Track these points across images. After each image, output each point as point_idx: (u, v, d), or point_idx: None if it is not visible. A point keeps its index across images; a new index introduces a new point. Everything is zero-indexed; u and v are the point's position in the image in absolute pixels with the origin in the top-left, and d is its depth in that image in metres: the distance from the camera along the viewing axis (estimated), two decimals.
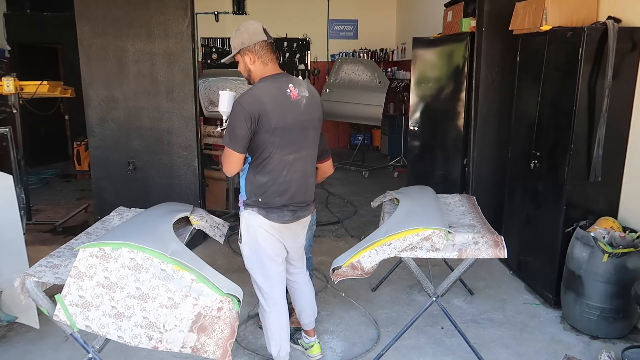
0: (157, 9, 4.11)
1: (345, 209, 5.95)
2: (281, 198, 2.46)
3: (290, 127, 2.36)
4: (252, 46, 2.35)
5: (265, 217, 2.47)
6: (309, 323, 2.90)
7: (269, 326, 2.66)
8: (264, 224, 2.49)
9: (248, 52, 2.36)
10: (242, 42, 2.35)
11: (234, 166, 2.38)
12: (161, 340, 2.04)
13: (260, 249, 2.54)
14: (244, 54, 2.38)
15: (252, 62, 2.37)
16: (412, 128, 5.79)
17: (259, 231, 2.51)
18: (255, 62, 2.37)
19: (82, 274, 2.03)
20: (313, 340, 2.92)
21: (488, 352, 2.97)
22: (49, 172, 7.53)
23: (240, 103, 2.29)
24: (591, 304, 3.07)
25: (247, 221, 2.51)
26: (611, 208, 3.34)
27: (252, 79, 2.43)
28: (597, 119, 3.12)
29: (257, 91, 2.33)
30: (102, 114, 4.28)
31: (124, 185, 4.36)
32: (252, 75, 2.42)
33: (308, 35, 9.49)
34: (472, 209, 3.23)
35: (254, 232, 2.51)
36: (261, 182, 2.42)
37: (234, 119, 2.30)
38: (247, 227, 2.52)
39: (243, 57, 2.39)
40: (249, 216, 2.49)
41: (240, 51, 2.38)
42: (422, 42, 5.62)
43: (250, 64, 2.38)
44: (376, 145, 9.68)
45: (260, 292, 2.63)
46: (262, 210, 2.46)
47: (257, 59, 2.37)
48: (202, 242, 4.61)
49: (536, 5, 3.50)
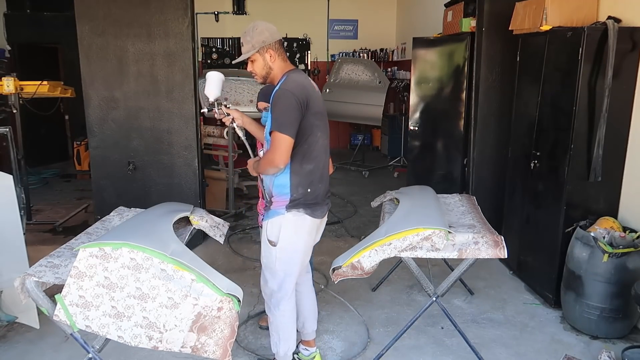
0: (157, 9, 4.11)
1: (345, 208, 5.95)
2: (322, 185, 2.47)
3: (323, 112, 2.45)
4: (273, 44, 2.38)
5: (310, 216, 2.43)
6: (312, 332, 2.83)
7: (283, 326, 2.59)
8: (308, 224, 2.45)
9: (270, 49, 2.38)
10: (263, 40, 2.36)
11: (287, 154, 2.29)
12: (161, 340, 2.04)
13: (299, 251, 2.50)
14: (265, 52, 2.38)
15: (273, 60, 2.40)
16: (412, 128, 5.79)
17: (302, 234, 2.46)
18: (276, 60, 2.40)
19: (82, 273, 2.03)
20: (314, 351, 2.86)
21: (488, 352, 2.97)
22: (49, 172, 7.53)
23: (289, 90, 2.28)
24: (591, 304, 3.07)
25: (291, 223, 2.42)
26: (611, 208, 3.34)
27: (272, 76, 2.43)
28: (597, 119, 3.12)
29: (298, 79, 2.37)
30: (102, 114, 4.28)
31: (124, 185, 4.36)
32: (272, 72, 2.42)
33: (308, 35, 9.49)
34: (472, 209, 3.22)
35: (296, 236, 2.45)
36: (308, 169, 2.39)
37: (284, 106, 2.27)
38: (289, 231, 2.43)
39: (263, 55, 2.39)
40: (294, 218, 2.41)
41: (260, 50, 2.37)
42: (422, 42, 5.62)
43: (271, 61, 2.40)
44: (376, 145, 9.69)
45: (281, 291, 2.55)
46: (308, 209, 2.42)
47: (278, 56, 2.40)
48: (202, 242, 4.61)
49: (536, 5, 3.50)
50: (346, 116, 7.93)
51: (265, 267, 2.57)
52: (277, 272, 2.52)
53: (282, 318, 2.60)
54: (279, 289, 2.55)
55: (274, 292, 2.56)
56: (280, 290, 2.55)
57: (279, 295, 2.56)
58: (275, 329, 2.63)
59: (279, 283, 2.54)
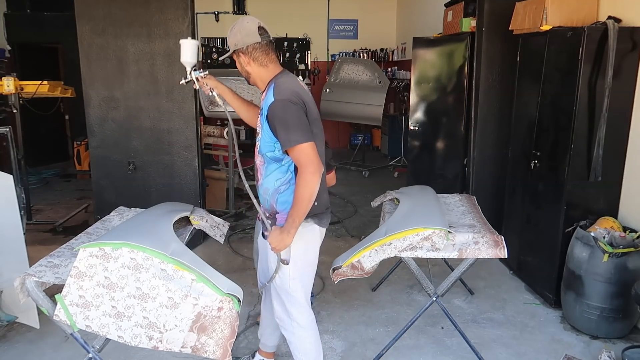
0: (157, 9, 4.11)
1: (345, 208, 5.95)
2: (325, 194, 2.33)
3: (318, 118, 2.27)
4: (244, 48, 2.19)
5: (319, 225, 2.30)
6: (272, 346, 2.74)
7: (311, 345, 2.42)
8: (318, 234, 2.33)
9: (242, 53, 2.22)
10: (235, 42, 2.21)
11: (318, 158, 2.11)
12: (161, 340, 2.04)
13: (310, 264, 2.37)
14: (238, 55, 2.24)
15: (247, 63, 2.23)
16: (412, 128, 5.79)
17: (312, 245, 2.34)
18: (251, 64, 2.22)
19: (82, 273, 2.03)
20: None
21: (488, 352, 2.97)
22: (49, 172, 7.53)
23: (287, 100, 2.09)
24: (591, 303, 3.07)
25: (301, 236, 2.22)
26: (611, 208, 3.34)
27: (253, 80, 2.29)
28: (597, 118, 3.12)
29: (289, 86, 2.17)
30: (102, 113, 4.28)
31: (124, 185, 4.36)
32: (250, 76, 2.28)
33: (308, 35, 9.48)
34: (472, 209, 3.23)
35: (307, 248, 2.32)
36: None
37: (292, 115, 2.08)
38: (300, 244, 2.26)
39: (238, 58, 2.25)
40: (304, 230, 2.22)
41: (235, 52, 2.24)
42: (423, 42, 5.62)
43: (246, 65, 2.24)
44: (376, 145, 9.68)
45: (298, 310, 2.37)
46: (316, 218, 2.28)
47: (252, 61, 2.21)
48: (202, 242, 4.61)
49: (536, 5, 3.50)
50: (346, 116, 7.93)
51: (279, 289, 2.37)
52: (293, 291, 2.35)
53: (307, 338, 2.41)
54: (296, 308, 2.38)
55: (292, 314, 2.39)
56: (297, 309, 2.38)
57: (296, 314, 2.39)
58: (302, 354, 2.43)
59: (296, 303, 2.37)
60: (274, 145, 2.17)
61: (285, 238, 2.13)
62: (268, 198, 2.28)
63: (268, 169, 2.25)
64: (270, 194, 2.27)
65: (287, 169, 2.21)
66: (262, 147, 2.23)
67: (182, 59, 2.35)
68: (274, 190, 2.25)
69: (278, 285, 2.36)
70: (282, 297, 2.38)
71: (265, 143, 2.19)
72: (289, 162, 2.19)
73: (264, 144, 2.21)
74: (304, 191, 2.09)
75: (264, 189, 2.29)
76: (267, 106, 2.14)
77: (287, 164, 2.20)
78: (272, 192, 2.26)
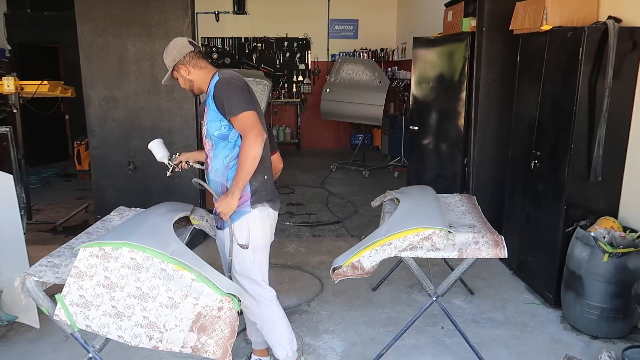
0: (157, 9, 4.11)
1: (345, 208, 5.95)
2: (271, 175, 2.51)
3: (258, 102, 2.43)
4: (182, 59, 2.39)
5: (273, 208, 2.46)
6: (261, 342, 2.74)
7: (279, 322, 2.51)
8: (272, 218, 2.48)
9: (181, 65, 2.40)
10: (172, 58, 2.40)
11: (262, 125, 2.31)
12: (161, 340, 2.04)
13: (266, 246, 2.49)
14: (179, 69, 2.42)
15: (188, 73, 2.42)
16: (412, 128, 5.79)
17: (268, 229, 2.46)
18: (191, 72, 2.41)
19: (82, 273, 2.03)
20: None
21: (488, 352, 2.97)
22: (49, 171, 7.53)
23: (229, 78, 2.32)
24: (591, 303, 3.07)
25: (258, 220, 2.40)
26: (611, 208, 3.34)
27: (198, 85, 2.45)
28: (598, 118, 3.12)
29: (229, 72, 2.39)
30: (103, 113, 4.28)
31: (124, 184, 4.36)
32: (195, 84, 2.45)
33: (308, 34, 9.49)
34: (473, 209, 3.23)
35: (264, 231, 2.44)
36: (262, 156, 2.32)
37: (237, 90, 2.29)
38: (257, 228, 2.41)
39: (179, 72, 2.43)
40: (260, 213, 2.40)
41: (175, 68, 2.42)
42: (423, 41, 5.62)
43: (187, 75, 2.42)
44: (376, 145, 9.69)
45: (260, 292, 2.49)
46: (270, 201, 2.44)
47: (192, 68, 2.41)
48: (202, 242, 4.61)
49: (536, 5, 3.50)
50: (346, 116, 7.93)
51: (241, 277, 2.47)
52: (254, 275, 2.47)
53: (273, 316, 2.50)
54: (258, 290, 2.49)
55: (256, 298, 2.49)
56: (259, 291, 2.49)
57: (260, 297, 2.49)
58: (273, 333, 2.53)
59: (256, 285, 2.48)
60: (220, 123, 2.33)
61: (230, 201, 2.28)
62: (218, 179, 2.42)
63: (217, 150, 2.40)
64: (220, 174, 2.41)
65: (233, 144, 2.37)
66: (209, 130, 2.39)
67: (158, 160, 2.67)
68: (224, 168, 2.39)
69: (239, 273, 2.48)
70: (244, 284, 2.48)
71: (212, 124, 2.36)
72: (236, 137, 2.35)
73: (210, 126, 2.37)
74: (248, 153, 2.24)
75: (214, 170, 2.43)
76: (213, 85, 2.35)
77: (233, 140, 2.36)
78: (222, 170, 2.40)
